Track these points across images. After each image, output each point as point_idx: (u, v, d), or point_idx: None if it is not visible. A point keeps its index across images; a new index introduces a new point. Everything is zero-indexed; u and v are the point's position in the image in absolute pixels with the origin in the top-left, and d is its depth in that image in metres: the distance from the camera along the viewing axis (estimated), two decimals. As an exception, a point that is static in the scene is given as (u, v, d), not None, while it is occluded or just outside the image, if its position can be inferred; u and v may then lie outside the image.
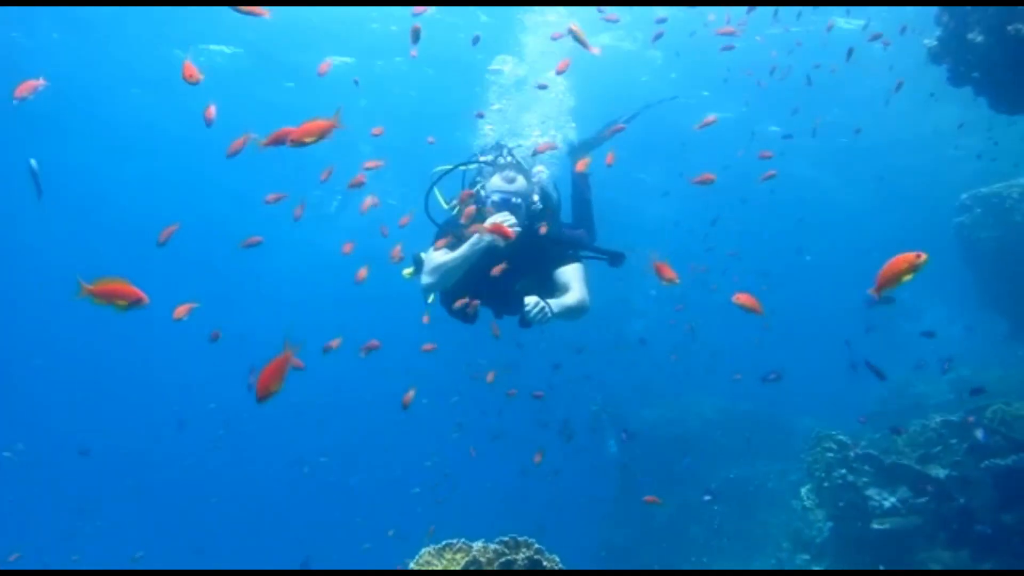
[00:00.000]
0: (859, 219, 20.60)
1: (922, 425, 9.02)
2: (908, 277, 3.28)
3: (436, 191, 5.14)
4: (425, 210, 5.12)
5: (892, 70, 11.12)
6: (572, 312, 4.61)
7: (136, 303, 3.21)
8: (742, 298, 4.21)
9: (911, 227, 17.54)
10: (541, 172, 5.40)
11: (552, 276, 4.84)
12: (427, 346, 6.62)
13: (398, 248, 5.58)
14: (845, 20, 11.55)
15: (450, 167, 5.23)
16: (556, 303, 4.50)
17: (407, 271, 5.07)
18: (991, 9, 5.93)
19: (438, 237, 4.80)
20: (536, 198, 4.83)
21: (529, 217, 4.74)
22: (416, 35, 5.32)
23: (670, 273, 4.28)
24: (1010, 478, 7.23)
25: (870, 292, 3.38)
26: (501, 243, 4.41)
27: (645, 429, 14.25)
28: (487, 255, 4.57)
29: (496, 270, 4.56)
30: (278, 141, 3.57)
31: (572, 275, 4.77)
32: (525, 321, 4.82)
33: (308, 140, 3.50)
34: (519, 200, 4.65)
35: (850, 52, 8.82)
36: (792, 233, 19.49)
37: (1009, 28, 5.77)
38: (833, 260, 21.64)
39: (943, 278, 14.78)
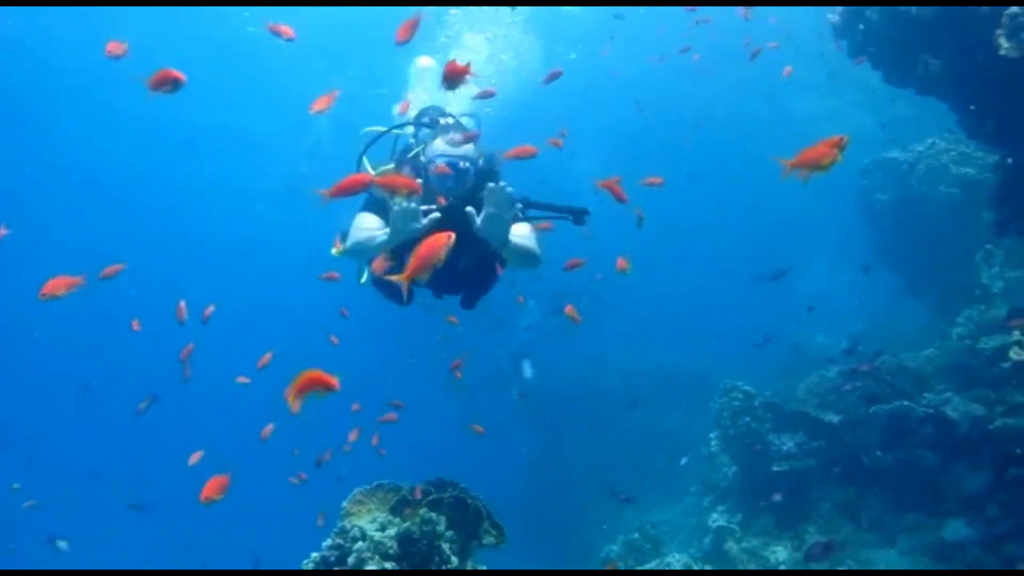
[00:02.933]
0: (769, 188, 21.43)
1: (820, 376, 9.76)
2: (828, 162, 3.01)
3: (364, 158, 4.49)
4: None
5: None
6: (525, 252, 4.04)
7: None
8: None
9: (818, 190, 18.32)
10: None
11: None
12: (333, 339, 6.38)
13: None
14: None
15: (384, 129, 4.67)
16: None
17: (335, 249, 4.53)
18: (884, -12, 6.37)
19: (365, 206, 4.21)
20: (481, 161, 4.17)
21: (476, 184, 4.05)
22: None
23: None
24: (893, 422, 7.92)
25: (782, 164, 3.04)
26: (430, 222, 3.66)
27: (563, 380, 14.81)
28: (427, 227, 3.74)
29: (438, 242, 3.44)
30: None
31: (522, 230, 4.12)
32: (468, 301, 4.52)
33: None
34: (467, 164, 4.02)
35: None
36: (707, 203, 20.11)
37: (899, 9, 6.24)
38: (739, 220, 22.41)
39: (846, 238, 15.69)
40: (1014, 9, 5.13)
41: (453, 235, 3.06)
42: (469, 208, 3.78)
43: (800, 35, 11.20)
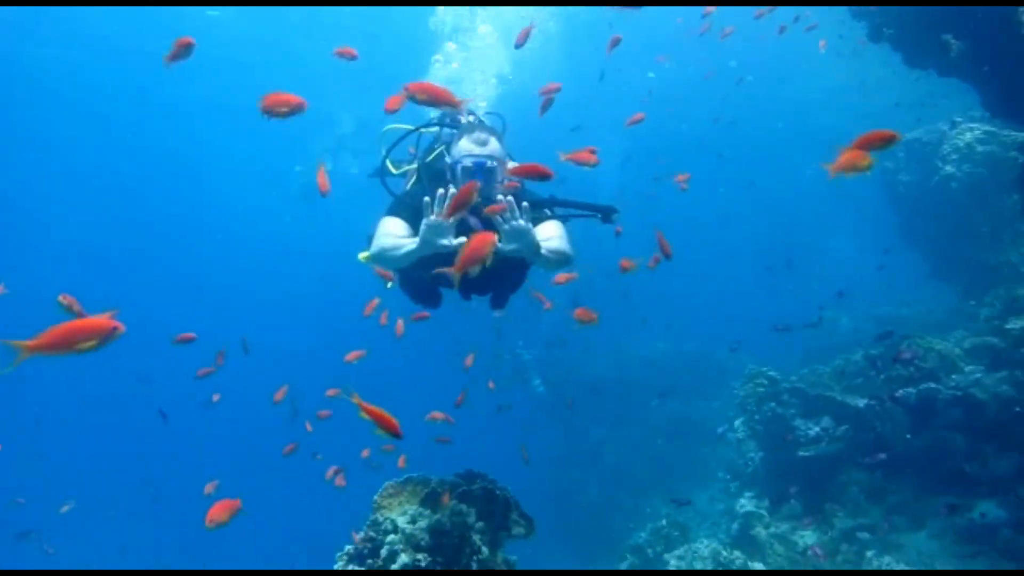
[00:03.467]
0: (785, 164, 21.29)
1: (845, 359, 9.72)
2: (869, 161, 3.01)
3: (388, 159, 4.50)
4: (380, 178, 4.47)
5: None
6: (557, 257, 3.94)
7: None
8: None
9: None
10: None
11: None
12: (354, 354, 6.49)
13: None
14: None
15: (409, 128, 4.58)
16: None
17: (363, 254, 4.38)
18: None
19: (393, 210, 4.08)
20: (510, 163, 4.11)
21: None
22: None
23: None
24: (919, 404, 7.88)
25: (828, 168, 3.07)
26: (432, 249, 3.63)
27: (589, 371, 14.83)
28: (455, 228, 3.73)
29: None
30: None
31: (552, 231, 4.04)
32: (497, 302, 4.45)
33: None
34: (494, 164, 3.92)
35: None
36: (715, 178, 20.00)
37: (918, -11, 6.20)
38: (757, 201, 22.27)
39: (870, 221, 15.54)
40: (1035, -13, 5.08)
41: (496, 236, 3.19)
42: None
43: (821, 16, 11.09)
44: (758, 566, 6.75)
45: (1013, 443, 6.96)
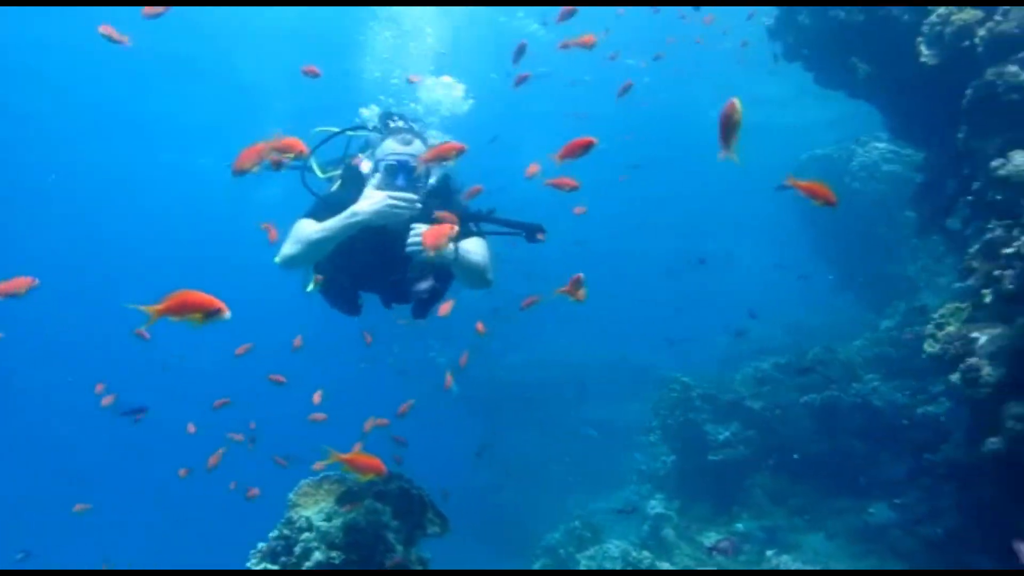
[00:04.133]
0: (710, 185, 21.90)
1: (755, 367, 10.05)
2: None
3: (313, 160, 4.32)
4: (302, 180, 4.26)
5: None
6: (472, 268, 3.90)
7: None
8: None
9: (757, 185, 18.77)
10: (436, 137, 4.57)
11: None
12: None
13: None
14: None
15: (336, 130, 4.47)
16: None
17: (312, 285, 4.28)
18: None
19: (312, 211, 3.98)
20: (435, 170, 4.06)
21: (434, 190, 3.99)
22: None
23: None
24: (822, 411, 8.23)
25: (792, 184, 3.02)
26: (382, 220, 3.68)
27: (508, 373, 14.94)
28: (372, 233, 3.79)
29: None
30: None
31: (472, 247, 3.96)
32: (419, 311, 4.37)
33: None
34: (417, 162, 3.89)
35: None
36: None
37: (830, 13, 6.47)
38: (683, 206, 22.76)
39: (784, 232, 16.07)
40: (933, 18, 5.38)
41: (456, 227, 3.30)
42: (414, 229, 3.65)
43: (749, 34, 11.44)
44: (666, 566, 6.95)
45: (904, 448, 7.33)
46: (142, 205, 23.58)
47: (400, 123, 4.18)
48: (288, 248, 3.92)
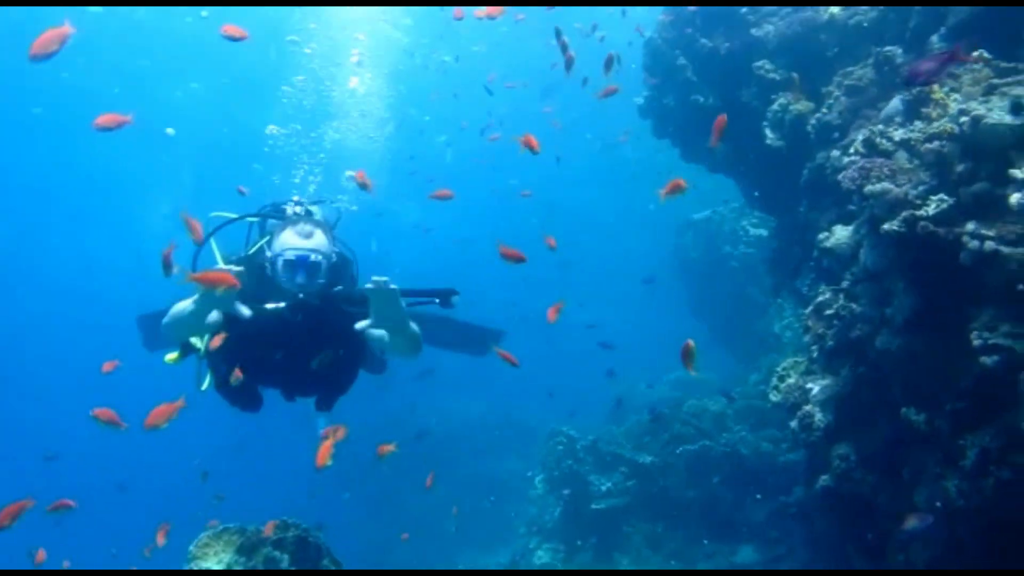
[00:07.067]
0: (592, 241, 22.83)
1: (636, 420, 10.59)
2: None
3: (213, 243, 4.16)
4: (192, 263, 4.10)
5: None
6: (410, 336, 3.83)
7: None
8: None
9: (646, 247, 19.77)
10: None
11: (365, 336, 3.90)
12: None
13: None
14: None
15: (235, 216, 4.35)
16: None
17: (171, 356, 4.12)
18: (679, 79, 7.32)
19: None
20: (334, 255, 3.90)
21: (329, 278, 3.85)
22: None
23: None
24: (696, 461, 8.78)
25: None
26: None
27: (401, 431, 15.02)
28: (275, 325, 3.70)
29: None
30: None
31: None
32: (323, 404, 4.31)
33: None
34: (319, 258, 3.72)
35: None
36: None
37: (691, 98, 7.20)
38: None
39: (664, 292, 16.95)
40: (775, 107, 6.11)
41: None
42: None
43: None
44: (549, 612, 7.23)
45: (767, 493, 7.93)
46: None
47: (299, 210, 4.14)
48: (165, 326, 3.80)
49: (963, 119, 3.49)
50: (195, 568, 3.98)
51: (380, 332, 3.82)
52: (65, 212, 22.91)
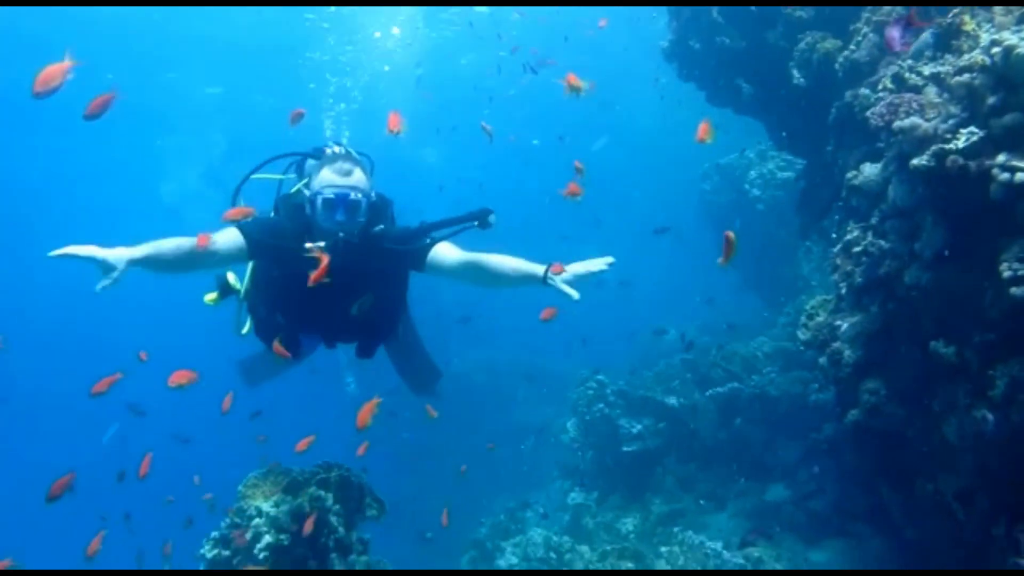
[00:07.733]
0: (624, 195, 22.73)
1: (666, 363, 10.70)
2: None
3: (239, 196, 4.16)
4: (232, 200, 4.15)
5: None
6: (484, 267, 3.79)
7: None
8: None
9: (669, 192, 19.66)
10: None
11: (427, 269, 3.84)
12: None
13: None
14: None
15: (266, 161, 4.35)
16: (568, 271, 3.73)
17: (210, 296, 4.09)
18: (704, 22, 7.25)
19: (242, 226, 3.78)
20: (374, 195, 3.79)
21: (369, 217, 3.73)
22: None
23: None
24: (725, 402, 8.90)
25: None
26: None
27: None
28: (309, 268, 3.38)
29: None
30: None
31: (453, 251, 3.82)
32: (364, 351, 4.27)
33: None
34: (358, 196, 3.59)
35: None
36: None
37: (716, 40, 7.13)
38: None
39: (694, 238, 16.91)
40: (802, 46, 6.06)
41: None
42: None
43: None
44: (585, 549, 7.44)
45: (798, 433, 8.04)
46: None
47: (338, 149, 4.01)
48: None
49: (995, 50, 3.47)
50: (244, 506, 4.20)
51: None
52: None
